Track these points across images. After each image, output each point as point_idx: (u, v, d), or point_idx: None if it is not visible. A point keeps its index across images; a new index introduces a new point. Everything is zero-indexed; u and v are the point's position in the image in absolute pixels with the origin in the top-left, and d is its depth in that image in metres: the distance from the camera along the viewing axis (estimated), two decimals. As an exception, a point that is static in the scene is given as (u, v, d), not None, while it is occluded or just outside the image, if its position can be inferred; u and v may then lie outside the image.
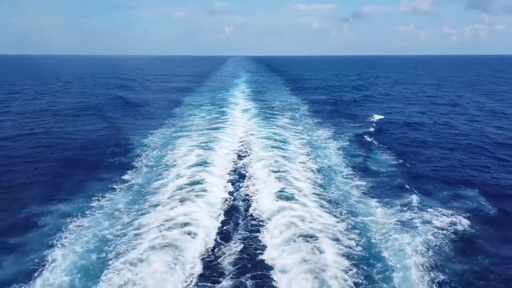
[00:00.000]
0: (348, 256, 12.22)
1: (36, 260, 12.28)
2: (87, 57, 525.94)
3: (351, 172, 20.55)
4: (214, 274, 11.70)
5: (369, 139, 28.23)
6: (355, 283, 10.98)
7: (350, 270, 11.52)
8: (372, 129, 31.85)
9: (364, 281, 11.10)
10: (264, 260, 12.35)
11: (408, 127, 34.05)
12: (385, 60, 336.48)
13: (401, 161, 22.66)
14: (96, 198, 17.04)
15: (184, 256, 12.31)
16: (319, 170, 20.58)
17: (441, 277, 11.31)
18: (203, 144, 25.46)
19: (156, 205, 16.12)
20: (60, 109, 43.03)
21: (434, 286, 10.95)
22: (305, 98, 52.47)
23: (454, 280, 11.30)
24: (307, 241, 12.99)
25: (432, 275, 11.37)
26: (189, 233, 13.65)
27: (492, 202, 16.76)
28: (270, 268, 11.97)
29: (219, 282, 11.30)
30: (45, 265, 11.94)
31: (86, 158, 23.89)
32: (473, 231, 14.08)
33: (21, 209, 16.15)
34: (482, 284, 11.37)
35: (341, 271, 11.46)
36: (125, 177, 19.83)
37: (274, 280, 11.36)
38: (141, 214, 15.39)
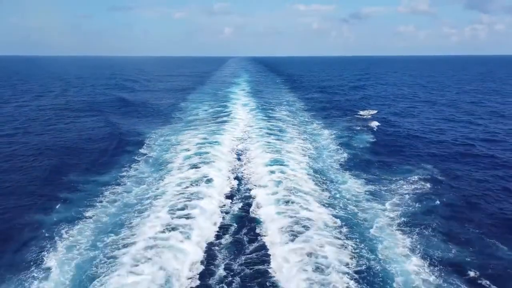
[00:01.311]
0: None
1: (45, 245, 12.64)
2: (87, 57, 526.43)
3: (338, 149, 25.16)
4: (215, 270, 11.81)
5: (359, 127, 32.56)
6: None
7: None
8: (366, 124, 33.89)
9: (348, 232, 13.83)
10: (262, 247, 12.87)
11: (395, 119, 37.96)
12: (385, 60, 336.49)
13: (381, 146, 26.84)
14: (96, 197, 17.05)
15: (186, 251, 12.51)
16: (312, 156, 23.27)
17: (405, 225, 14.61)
18: (205, 140, 26.28)
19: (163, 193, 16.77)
20: (60, 110, 43.09)
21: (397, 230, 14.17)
22: (303, 96, 53.12)
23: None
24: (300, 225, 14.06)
25: (399, 226, 14.53)
26: (190, 230, 13.77)
27: (441, 167, 21.49)
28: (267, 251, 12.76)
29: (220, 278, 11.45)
30: (44, 258, 12.24)
31: (84, 159, 23.86)
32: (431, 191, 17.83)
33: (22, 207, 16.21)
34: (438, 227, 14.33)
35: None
36: (125, 177, 19.88)
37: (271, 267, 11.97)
38: (142, 212, 15.46)
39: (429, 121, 36.74)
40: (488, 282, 11.30)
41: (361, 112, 40.34)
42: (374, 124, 34.02)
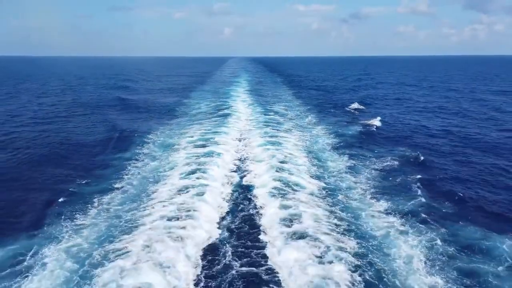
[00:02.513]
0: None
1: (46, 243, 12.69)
2: (87, 58, 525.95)
3: (335, 144, 27.04)
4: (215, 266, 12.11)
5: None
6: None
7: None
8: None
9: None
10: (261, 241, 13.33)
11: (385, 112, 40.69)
12: (384, 60, 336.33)
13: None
14: (94, 198, 17.17)
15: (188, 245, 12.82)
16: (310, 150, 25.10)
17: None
18: (207, 136, 27.09)
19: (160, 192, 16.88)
20: (61, 110, 43.33)
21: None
22: (299, 94, 53.74)
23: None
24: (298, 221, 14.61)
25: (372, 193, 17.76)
26: (191, 226, 14.05)
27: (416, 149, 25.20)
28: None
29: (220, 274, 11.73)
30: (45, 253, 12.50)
31: (84, 158, 24.08)
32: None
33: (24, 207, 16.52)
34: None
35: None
36: (125, 176, 20.11)
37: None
38: (143, 209, 15.76)
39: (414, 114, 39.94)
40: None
41: (353, 107, 44.64)
42: (364, 117, 35.27)
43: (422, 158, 23.22)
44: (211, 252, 12.78)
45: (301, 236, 13.32)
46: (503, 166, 22.02)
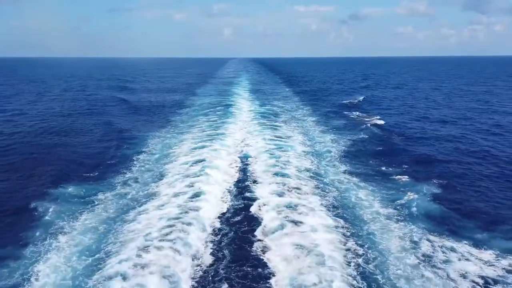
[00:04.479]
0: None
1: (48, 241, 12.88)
2: (87, 59, 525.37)
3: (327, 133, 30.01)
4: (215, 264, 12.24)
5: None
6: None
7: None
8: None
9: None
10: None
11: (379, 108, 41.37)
12: (383, 61, 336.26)
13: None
14: (94, 198, 17.25)
15: (188, 245, 12.89)
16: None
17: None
18: (207, 137, 27.37)
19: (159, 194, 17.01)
20: (61, 110, 43.52)
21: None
22: (297, 94, 53.81)
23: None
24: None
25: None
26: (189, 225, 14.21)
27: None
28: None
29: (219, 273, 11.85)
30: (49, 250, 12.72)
31: (84, 158, 24.18)
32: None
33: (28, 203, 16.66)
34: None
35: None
36: (125, 176, 20.27)
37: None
38: (143, 211, 15.88)
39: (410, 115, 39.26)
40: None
41: (352, 107, 45.06)
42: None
43: (427, 158, 23.47)
44: (210, 253, 12.72)
45: (301, 235, 13.45)
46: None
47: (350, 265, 11.82)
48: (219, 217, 15.28)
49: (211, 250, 12.87)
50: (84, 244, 13.18)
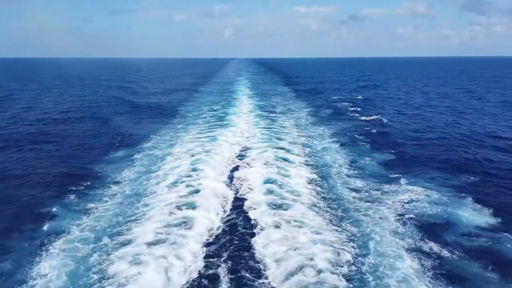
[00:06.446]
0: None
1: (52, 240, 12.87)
2: (87, 59, 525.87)
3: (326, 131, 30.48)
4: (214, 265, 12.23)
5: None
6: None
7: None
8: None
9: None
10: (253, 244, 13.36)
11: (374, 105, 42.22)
12: (383, 62, 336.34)
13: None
14: (94, 198, 17.23)
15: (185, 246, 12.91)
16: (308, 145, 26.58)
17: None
18: (207, 138, 27.28)
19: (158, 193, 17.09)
20: (61, 111, 43.48)
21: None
22: (296, 93, 53.90)
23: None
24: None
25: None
26: (188, 226, 14.26)
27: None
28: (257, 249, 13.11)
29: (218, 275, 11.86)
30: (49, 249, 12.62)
31: (84, 158, 24.20)
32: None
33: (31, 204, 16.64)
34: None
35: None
36: (125, 177, 20.22)
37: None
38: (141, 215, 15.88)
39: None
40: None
41: (352, 107, 45.70)
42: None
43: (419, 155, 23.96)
44: (206, 258, 12.54)
45: (301, 237, 13.46)
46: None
47: (343, 266, 11.89)
48: (216, 219, 15.12)
49: (208, 253, 12.78)
50: (83, 247, 13.10)
